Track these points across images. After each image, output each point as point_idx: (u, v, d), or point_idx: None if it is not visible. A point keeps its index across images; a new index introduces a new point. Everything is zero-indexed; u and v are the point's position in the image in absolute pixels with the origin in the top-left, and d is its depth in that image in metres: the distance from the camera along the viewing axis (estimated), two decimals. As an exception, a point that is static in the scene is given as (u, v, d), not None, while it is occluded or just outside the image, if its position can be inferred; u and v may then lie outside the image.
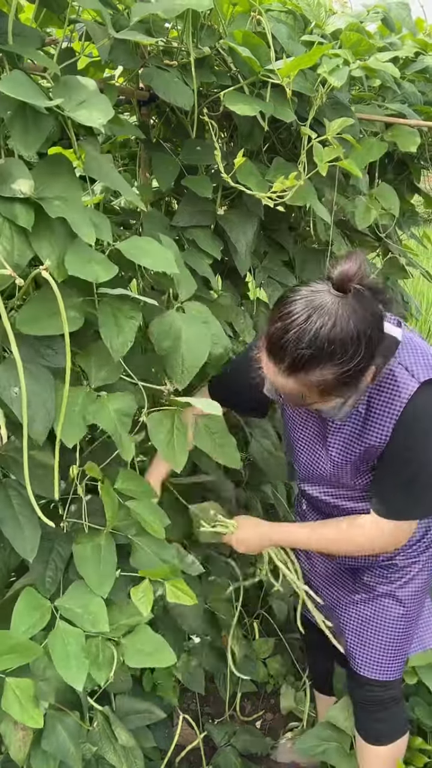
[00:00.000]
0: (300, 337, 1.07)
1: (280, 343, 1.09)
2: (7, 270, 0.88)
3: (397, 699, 1.56)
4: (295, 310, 1.08)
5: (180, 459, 1.22)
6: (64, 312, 0.94)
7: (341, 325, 1.06)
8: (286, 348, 1.09)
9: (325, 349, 1.06)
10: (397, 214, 1.86)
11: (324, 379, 1.10)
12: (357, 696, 1.59)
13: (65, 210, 0.99)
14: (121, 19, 1.19)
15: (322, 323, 1.06)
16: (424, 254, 4.74)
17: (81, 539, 1.21)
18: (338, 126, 1.35)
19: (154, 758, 1.63)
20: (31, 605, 1.11)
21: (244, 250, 1.49)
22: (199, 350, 1.21)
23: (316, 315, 1.06)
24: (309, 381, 1.11)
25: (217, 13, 1.31)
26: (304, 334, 1.06)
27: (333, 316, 1.06)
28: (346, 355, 1.07)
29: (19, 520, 1.10)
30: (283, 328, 1.09)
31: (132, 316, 1.10)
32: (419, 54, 1.89)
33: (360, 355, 1.08)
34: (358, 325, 1.07)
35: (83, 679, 1.08)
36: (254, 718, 2.05)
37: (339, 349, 1.07)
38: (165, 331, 1.21)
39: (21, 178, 0.96)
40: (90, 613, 1.15)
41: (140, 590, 1.22)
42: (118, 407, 1.13)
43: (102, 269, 1.02)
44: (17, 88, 0.91)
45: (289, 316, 1.09)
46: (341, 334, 1.06)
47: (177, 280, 1.27)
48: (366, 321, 1.08)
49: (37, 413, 1.01)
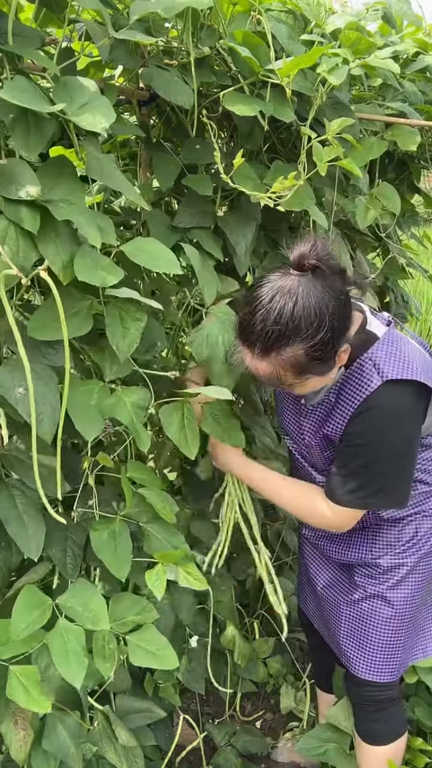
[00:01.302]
0: (266, 318, 1.14)
1: (249, 327, 1.17)
2: (13, 270, 0.88)
3: (394, 700, 1.56)
4: (260, 294, 1.16)
5: (193, 447, 1.27)
6: (62, 312, 0.93)
7: (303, 301, 1.12)
8: (254, 330, 1.15)
9: (291, 326, 1.12)
10: (398, 213, 1.86)
11: (295, 356, 1.15)
12: (354, 696, 1.59)
13: (71, 212, 0.99)
14: (121, 19, 1.19)
15: (285, 302, 1.13)
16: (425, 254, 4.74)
17: (97, 526, 1.23)
18: (338, 126, 1.34)
19: (154, 758, 1.63)
20: (30, 603, 1.11)
21: (244, 252, 1.49)
22: None
23: (279, 295, 1.13)
24: (281, 360, 1.16)
25: (217, 12, 1.31)
26: (269, 314, 1.13)
27: (294, 294, 1.13)
28: (311, 327, 1.13)
29: (23, 519, 1.11)
30: (250, 312, 1.16)
31: (138, 318, 1.11)
32: (419, 53, 1.89)
33: (325, 328, 1.14)
34: (319, 300, 1.13)
35: (82, 676, 1.08)
36: (254, 718, 2.05)
37: (304, 324, 1.12)
38: (203, 342, 1.30)
39: (28, 182, 0.95)
40: (90, 610, 1.16)
41: (154, 574, 1.24)
42: (134, 400, 1.15)
43: (108, 273, 1.03)
44: (19, 94, 0.91)
45: (255, 301, 1.16)
46: (303, 309, 1.12)
47: (202, 287, 1.32)
48: (327, 296, 1.14)
49: (44, 412, 1.01)
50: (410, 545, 1.45)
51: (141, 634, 1.24)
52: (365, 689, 1.54)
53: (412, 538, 1.45)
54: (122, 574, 1.19)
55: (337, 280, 1.18)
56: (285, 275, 1.16)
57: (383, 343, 1.28)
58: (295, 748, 1.80)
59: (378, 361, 1.26)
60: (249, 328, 1.17)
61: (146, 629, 1.25)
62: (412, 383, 1.24)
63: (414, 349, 1.32)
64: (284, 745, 1.95)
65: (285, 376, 1.19)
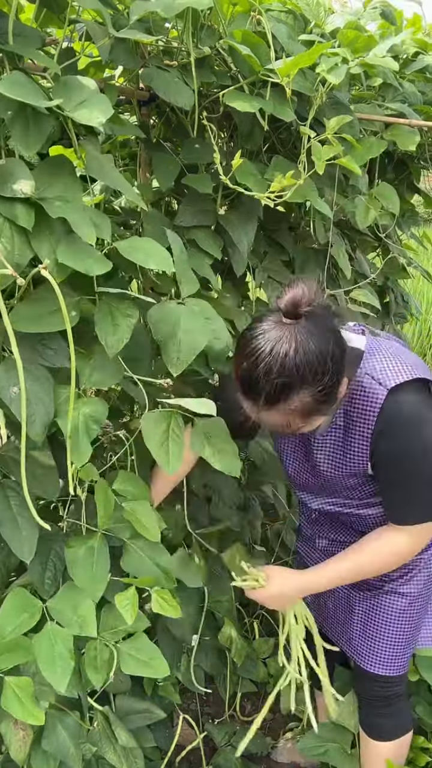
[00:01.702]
0: (269, 370, 1.10)
1: (251, 380, 1.13)
2: (8, 270, 0.88)
3: (401, 696, 1.57)
4: (258, 345, 1.12)
5: (174, 463, 1.19)
6: (65, 309, 0.93)
7: (303, 348, 1.10)
8: (258, 384, 1.12)
9: (296, 375, 1.10)
10: (397, 212, 1.86)
11: (303, 403, 1.14)
12: (362, 692, 1.59)
13: (66, 210, 0.99)
14: (121, 19, 1.19)
15: (285, 351, 1.10)
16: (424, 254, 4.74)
17: (73, 543, 1.19)
18: (336, 123, 1.35)
19: (154, 758, 1.63)
20: (19, 605, 1.10)
21: (245, 250, 1.49)
22: (197, 339, 1.20)
23: (278, 345, 1.10)
24: (289, 408, 1.14)
25: (217, 12, 1.31)
26: (272, 366, 1.10)
27: (294, 342, 1.10)
28: (317, 375, 1.12)
29: (18, 521, 1.10)
30: (250, 366, 1.13)
31: (129, 315, 1.09)
32: (419, 53, 1.89)
33: (329, 372, 1.13)
34: (320, 344, 1.12)
35: (66, 681, 1.07)
36: (254, 718, 2.05)
37: (308, 372, 1.11)
38: (164, 318, 1.20)
39: (22, 179, 0.95)
40: (79, 615, 1.14)
41: (126, 597, 1.20)
42: (89, 411, 1.10)
43: (95, 263, 1.02)
44: (17, 88, 0.91)
45: (253, 354, 1.12)
46: (306, 356, 1.10)
47: (180, 279, 1.26)
48: (325, 339, 1.13)
49: (36, 413, 1.01)
50: None
51: (132, 643, 1.22)
52: (374, 684, 1.54)
53: None
54: (96, 594, 1.15)
55: (329, 319, 1.17)
56: (279, 324, 1.13)
57: (370, 355, 1.28)
58: (296, 747, 1.80)
59: (374, 373, 1.25)
60: (251, 382, 1.14)
61: (137, 638, 1.23)
62: (414, 381, 1.25)
63: (397, 348, 1.32)
64: (284, 745, 1.95)
65: (293, 422, 1.18)
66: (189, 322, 1.20)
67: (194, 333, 1.20)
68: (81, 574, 1.16)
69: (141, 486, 1.28)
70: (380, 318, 2.37)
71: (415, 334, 4.44)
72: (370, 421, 1.26)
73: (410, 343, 4.12)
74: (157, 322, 1.19)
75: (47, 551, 1.21)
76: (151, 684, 1.58)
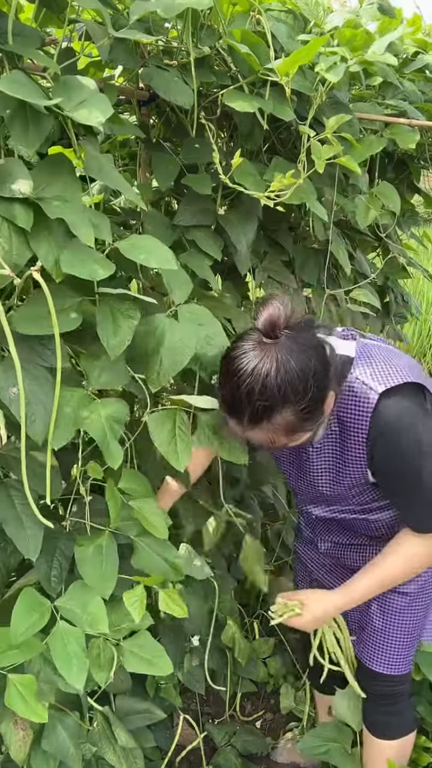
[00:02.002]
0: (251, 391, 1.12)
1: (234, 401, 1.15)
2: (5, 270, 0.88)
3: (405, 695, 1.57)
4: (240, 366, 1.14)
5: (183, 459, 1.21)
6: (54, 312, 0.93)
7: (285, 367, 1.11)
8: (241, 404, 1.14)
9: (277, 395, 1.12)
10: (398, 212, 1.86)
11: (287, 421, 1.16)
12: (366, 690, 1.59)
13: (64, 210, 0.98)
14: (121, 19, 1.19)
15: (267, 371, 1.11)
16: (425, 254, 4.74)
17: (82, 541, 1.20)
18: (336, 123, 1.34)
19: (154, 758, 1.63)
20: (30, 605, 1.11)
21: (245, 250, 1.49)
22: (179, 358, 1.18)
23: (260, 364, 1.12)
24: (273, 427, 1.16)
25: (217, 12, 1.31)
26: (254, 387, 1.12)
27: (274, 362, 1.11)
28: (299, 393, 1.13)
29: (22, 519, 1.10)
30: (233, 387, 1.14)
31: (130, 316, 1.09)
32: (418, 53, 1.89)
33: (312, 389, 1.14)
34: (300, 363, 1.13)
35: (84, 679, 1.08)
36: (254, 718, 2.05)
37: (290, 391, 1.12)
38: (149, 333, 1.20)
39: (21, 178, 0.95)
40: (89, 613, 1.15)
41: (134, 595, 1.20)
42: (110, 413, 1.10)
43: (100, 266, 1.01)
44: (17, 87, 0.90)
45: (235, 374, 1.14)
46: (287, 376, 1.11)
47: (170, 286, 1.25)
48: (306, 356, 1.14)
49: (36, 413, 1.01)
50: None
51: (135, 641, 1.22)
52: (379, 683, 1.55)
53: None
54: (106, 592, 1.16)
55: (309, 334, 1.18)
56: (259, 344, 1.14)
57: (361, 360, 1.28)
58: (297, 747, 1.79)
59: (364, 378, 1.26)
60: (234, 403, 1.16)
61: (140, 635, 1.23)
62: (405, 385, 1.24)
63: (388, 352, 1.32)
64: (284, 745, 1.95)
65: (278, 439, 1.21)
66: (176, 337, 1.19)
67: (178, 351, 1.18)
68: (90, 572, 1.17)
69: (146, 484, 1.28)
70: (380, 318, 2.37)
71: (415, 334, 4.43)
72: (363, 426, 1.26)
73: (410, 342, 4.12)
74: (143, 336, 1.19)
75: (52, 549, 1.21)
76: (153, 685, 1.58)
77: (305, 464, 1.42)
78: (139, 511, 1.23)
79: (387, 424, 1.24)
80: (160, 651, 1.22)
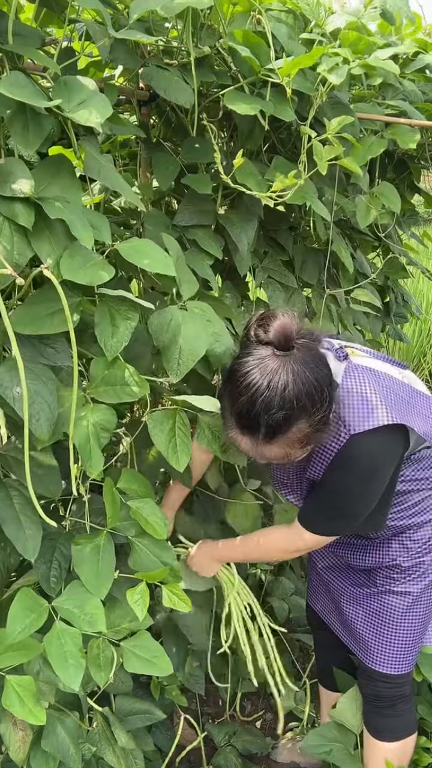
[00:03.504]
0: (269, 404, 1.11)
1: (250, 415, 1.13)
2: (7, 270, 0.88)
3: (406, 697, 1.57)
4: (254, 380, 1.12)
5: (182, 459, 1.21)
6: (68, 310, 0.93)
7: (301, 379, 1.12)
8: (258, 418, 1.13)
9: (296, 407, 1.12)
10: (398, 211, 1.86)
11: (303, 433, 1.16)
12: (366, 690, 1.60)
13: (64, 211, 0.98)
14: (121, 19, 1.19)
15: (284, 384, 1.11)
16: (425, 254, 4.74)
17: (80, 540, 1.20)
18: (338, 124, 1.34)
19: (154, 758, 1.63)
20: (26, 606, 1.10)
21: (246, 249, 1.49)
22: (197, 345, 1.20)
23: (276, 378, 1.11)
24: (290, 439, 1.16)
25: (217, 12, 1.31)
26: (272, 400, 1.11)
27: (291, 374, 1.11)
28: (316, 404, 1.14)
29: (21, 520, 1.10)
30: (249, 401, 1.13)
31: (128, 317, 1.09)
32: (419, 53, 1.89)
33: (327, 399, 1.16)
34: (315, 373, 1.14)
35: (80, 680, 1.07)
36: (254, 718, 2.05)
37: (308, 402, 1.13)
38: (164, 325, 1.20)
39: (22, 178, 0.95)
40: (87, 613, 1.14)
41: (137, 593, 1.20)
42: (98, 420, 1.09)
43: (98, 272, 1.01)
44: (17, 88, 0.90)
45: (249, 388, 1.12)
46: (305, 387, 1.12)
47: (179, 280, 1.26)
48: (318, 366, 1.16)
49: (40, 411, 1.00)
50: (429, 544, 1.47)
51: (135, 641, 1.22)
52: (380, 684, 1.54)
53: (429, 539, 1.46)
54: (101, 593, 1.16)
55: (315, 347, 1.19)
56: (272, 356, 1.13)
57: (343, 390, 1.26)
58: (300, 745, 1.79)
59: (342, 412, 1.25)
60: (250, 416, 1.13)
61: (140, 636, 1.23)
62: (379, 429, 1.23)
63: (375, 384, 1.29)
64: (284, 745, 1.95)
65: (293, 452, 1.20)
66: (190, 327, 1.20)
67: (195, 339, 1.20)
68: (87, 572, 1.17)
69: (145, 484, 1.28)
70: (381, 318, 2.37)
71: (415, 334, 4.43)
72: (329, 454, 1.29)
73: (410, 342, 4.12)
74: (158, 328, 1.19)
75: (51, 550, 1.21)
76: (157, 687, 1.58)
77: (275, 474, 1.47)
78: (137, 511, 1.23)
79: (350, 459, 1.26)
80: (160, 651, 1.22)
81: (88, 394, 1.12)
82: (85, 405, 1.10)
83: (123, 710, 1.43)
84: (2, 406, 1.00)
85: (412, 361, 4.44)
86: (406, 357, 4.40)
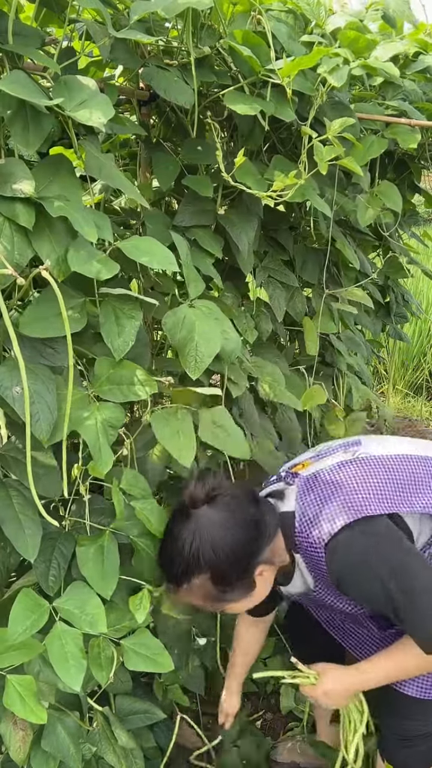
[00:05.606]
0: (172, 555, 1.23)
1: (162, 563, 1.26)
2: (8, 270, 0.88)
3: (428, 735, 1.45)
4: (169, 530, 1.25)
5: (187, 454, 1.23)
6: (64, 310, 0.93)
7: (201, 535, 1.20)
8: (165, 567, 1.25)
9: (192, 561, 1.20)
10: (399, 211, 1.86)
11: (203, 587, 1.23)
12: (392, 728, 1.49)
13: (66, 209, 0.99)
14: (122, 19, 1.19)
15: (185, 538, 1.21)
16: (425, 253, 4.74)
17: (84, 541, 1.20)
18: (339, 126, 1.34)
19: (154, 758, 1.63)
20: (28, 606, 1.10)
21: (246, 249, 1.49)
22: (213, 341, 1.23)
23: (185, 532, 1.21)
24: (192, 591, 1.24)
25: (218, 12, 1.31)
26: (174, 552, 1.22)
27: (194, 530, 1.21)
28: (212, 560, 1.20)
29: (20, 520, 1.10)
30: (162, 550, 1.26)
31: (133, 316, 1.09)
32: (419, 53, 1.89)
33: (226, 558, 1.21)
34: (219, 531, 1.21)
35: (81, 680, 1.07)
36: (254, 718, 2.05)
37: (203, 558, 1.20)
38: (178, 323, 1.22)
39: (23, 178, 0.95)
40: (88, 613, 1.14)
41: (138, 598, 1.22)
42: (106, 417, 1.11)
43: (104, 267, 1.02)
44: (18, 86, 0.90)
45: (166, 539, 1.25)
46: (202, 544, 1.20)
47: (187, 280, 1.28)
48: (227, 525, 1.22)
49: (40, 412, 1.01)
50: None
51: (135, 639, 1.22)
52: (406, 721, 1.44)
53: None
54: (107, 592, 1.16)
55: (240, 503, 1.25)
56: (185, 513, 1.23)
57: (298, 515, 1.30)
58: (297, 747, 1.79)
59: (307, 532, 1.28)
60: (164, 563, 1.26)
61: (140, 633, 1.23)
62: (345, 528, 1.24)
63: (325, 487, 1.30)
64: (284, 745, 1.95)
65: (204, 604, 1.28)
66: (203, 325, 1.23)
67: (209, 336, 1.23)
68: (92, 572, 1.17)
69: (146, 485, 1.29)
70: (380, 318, 2.37)
71: (415, 334, 4.43)
72: (324, 572, 1.29)
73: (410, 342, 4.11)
74: (173, 327, 1.22)
75: (51, 550, 1.21)
76: (161, 688, 1.58)
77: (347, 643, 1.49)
78: (140, 511, 1.23)
79: (342, 571, 1.26)
80: (160, 648, 1.23)
81: (92, 393, 1.12)
82: (91, 404, 1.10)
83: (123, 710, 1.43)
84: (2, 406, 1.00)
85: (412, 361, 4.44)
86: (406, 357, 4.40)
